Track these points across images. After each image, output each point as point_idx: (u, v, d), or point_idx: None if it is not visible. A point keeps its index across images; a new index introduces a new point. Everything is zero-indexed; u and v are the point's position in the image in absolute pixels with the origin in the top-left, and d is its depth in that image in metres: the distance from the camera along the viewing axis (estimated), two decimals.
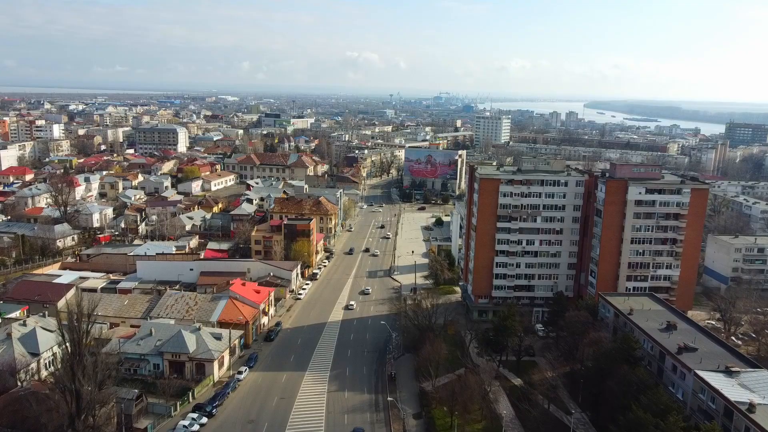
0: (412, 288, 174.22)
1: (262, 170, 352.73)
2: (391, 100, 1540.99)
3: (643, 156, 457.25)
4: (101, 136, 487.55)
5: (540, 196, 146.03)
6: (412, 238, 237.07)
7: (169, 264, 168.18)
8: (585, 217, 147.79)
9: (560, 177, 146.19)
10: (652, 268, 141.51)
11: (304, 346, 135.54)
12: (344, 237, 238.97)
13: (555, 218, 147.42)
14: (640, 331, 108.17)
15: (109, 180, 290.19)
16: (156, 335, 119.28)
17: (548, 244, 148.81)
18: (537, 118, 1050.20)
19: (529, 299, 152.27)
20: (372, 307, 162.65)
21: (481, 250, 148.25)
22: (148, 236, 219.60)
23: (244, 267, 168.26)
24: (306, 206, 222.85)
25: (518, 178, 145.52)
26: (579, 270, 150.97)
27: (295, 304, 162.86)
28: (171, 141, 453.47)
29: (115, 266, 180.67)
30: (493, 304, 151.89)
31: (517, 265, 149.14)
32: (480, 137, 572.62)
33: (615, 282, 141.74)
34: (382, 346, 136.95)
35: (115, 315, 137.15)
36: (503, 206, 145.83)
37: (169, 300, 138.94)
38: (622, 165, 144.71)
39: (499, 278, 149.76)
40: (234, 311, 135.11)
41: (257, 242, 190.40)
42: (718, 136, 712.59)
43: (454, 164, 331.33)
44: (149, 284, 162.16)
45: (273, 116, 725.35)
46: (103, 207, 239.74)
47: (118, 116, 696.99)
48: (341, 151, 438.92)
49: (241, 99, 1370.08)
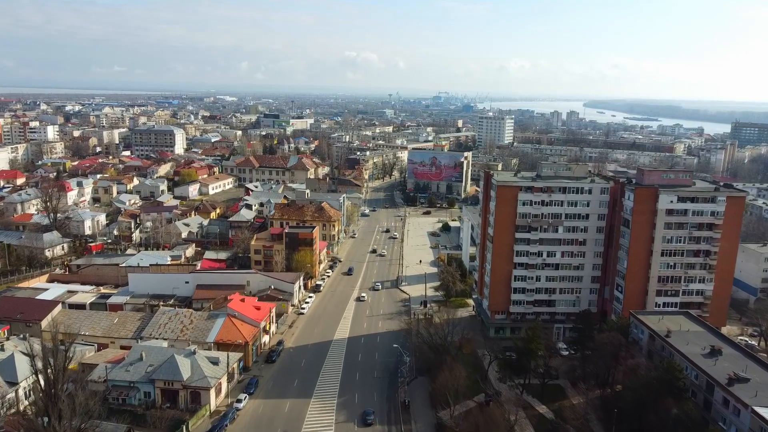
0: (421, 301, 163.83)
1: (261, 173, 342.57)
2: (391, 100, 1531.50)
3: (650, 157, 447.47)
4: (97, 137, 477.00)
5: (562, 204, 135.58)
6: (418, 245, 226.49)
7: (163, 277, 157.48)
8: (610, 226, 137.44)
9: (583, 184, 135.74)
10: (684, 283, 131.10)
11: (308, 369, 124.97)
12: (348, 244, 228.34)
13: (578, 228, 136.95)
14: (682, 357, 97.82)
15: (103, 184, 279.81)
16: (147, 360, 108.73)
17: (570, 255, 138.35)
18: (538, 118, 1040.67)
19: (550, 315, 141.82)
20: (380, 323, 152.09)
21: (499, 263, 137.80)
22: (143, 244, 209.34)
23: (243, 279, 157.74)
24: (308, 212, 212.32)
25: (538, 185, 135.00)
26: (603, 284, 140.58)
27: (297, 320, 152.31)
28: (168, 142, 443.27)
29: (106, 278, 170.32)
30: (511, 320, 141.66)
31: (537, 279, 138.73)
32: (483, 138, 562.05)
33: (643, 297, 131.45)
34: (393, 368, 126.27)
35: (103, 335, 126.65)
36: (522, 215, 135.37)
37: (162, 318, 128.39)
38: (650, 171, 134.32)
39: (517, 293, 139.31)
40: (232, 331, 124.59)
41: (257, 252, 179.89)
42: (723, 136, 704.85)
43: (459, 166, 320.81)
44: (142, 298, 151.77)
45: (272, 117, 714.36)
46: (96, 213, 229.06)
47: (114, 117, 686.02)
48: (342, 153, 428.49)
49: (239, 99, 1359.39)
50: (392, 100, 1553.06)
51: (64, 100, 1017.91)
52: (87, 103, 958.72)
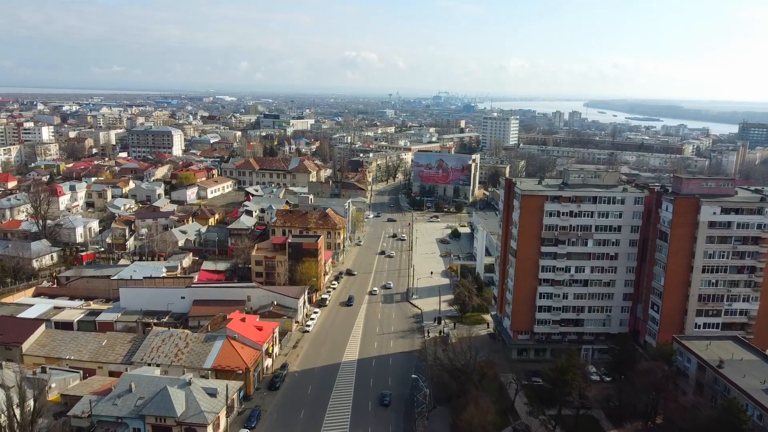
0: (435, 317, 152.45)
1: (261, 176, 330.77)
2: (390, 100, 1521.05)
3: (660, 158, 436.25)
4: (93, 138, 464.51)
5: (592, 215, 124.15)
6: (427, 254, 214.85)
7: (157, 292, 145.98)
8: (643, 239, 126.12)
9: (616, 193, 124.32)
10: (727, 302, 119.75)
11: (315, 397, 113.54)
12: (353, 253, 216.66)
13: (609, 241, 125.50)
14: (741, 394, 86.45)
15: (97, 188, 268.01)
16: (137, 392, 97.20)
17: (601, 271, 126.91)
18: (540, 118, 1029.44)
19: (577, 335, 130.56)
20: (391, 342, 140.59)
21: (522, 279, 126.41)
22: (137, 253, 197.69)
23: (244, 294, 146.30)
24: (311, 219, 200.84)
25: (566, 195, 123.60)
26: (635, 301, 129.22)
27: (302, 339, 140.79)
28: (166, 144, 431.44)
29: (97, 291, 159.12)
30: (536, 341, 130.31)
31: (565, 296, 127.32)
32: (487, 139, 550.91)
33: (682, 317, 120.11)
34: (408, 396, 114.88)
35: (90, 359, 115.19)
36: (549, 227, 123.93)
37: (154, 341, 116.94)
38: (689, 179, 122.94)
39: (542, 311, 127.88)
40: (232, 355, 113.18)
41: (258, 263, 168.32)
42: (729, 137, 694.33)
43: (467, 169, 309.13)
44: (134, 316, 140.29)
45: (272, 117, 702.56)
46: (88, 220, 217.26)
47: (112, 118, 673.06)
48: (344, 154, 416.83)
49: (238, 99, 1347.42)
50: (392, 100, 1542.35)
51: (63, 100, 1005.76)
52: (85, 104, 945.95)
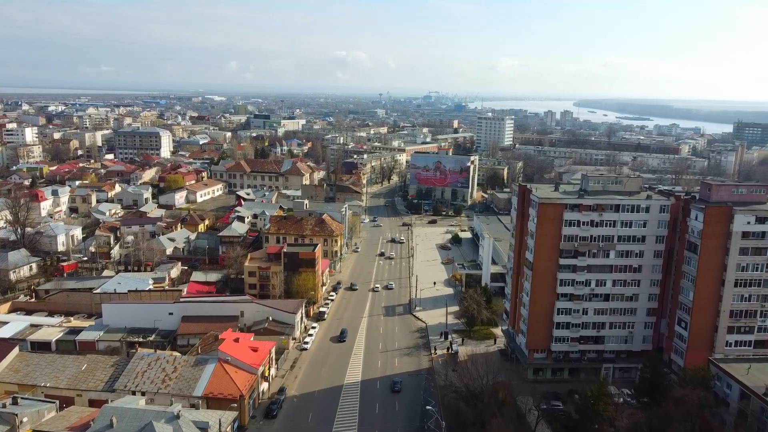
0: (442, 332, 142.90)
1: (253, 178, 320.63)
2: (381, 100, 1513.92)
3: (659, 159, 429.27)
4: (78, 140, 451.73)
5: (614, 224, 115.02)
6: (428, 261, 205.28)
7: (144, 307, 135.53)
8: (668, 250, 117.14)
9: (640, 201, 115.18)
10: (760, 318, 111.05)
11: (317, 427, 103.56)
12: (351, 260, 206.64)
13: (632, 252, 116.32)
14: None
15: (81, 192, 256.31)
16: (119, 427, 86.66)
17: (623, 284, 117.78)
18: (532, 118, 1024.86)
19: (597, 353, 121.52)
20: (396, 360, 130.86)
21: (539, 293, 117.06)
22: (122, 262, 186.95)
23: (237, 310, 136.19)
24: (307, 226, 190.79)
25: (587, 203, 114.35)
26: (659, 316, 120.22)
27: (300, 357, 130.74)
28: (153, 145, 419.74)
29: (78, 306, 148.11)
30: (553, 360, 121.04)
31: (584, 312, 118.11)
32: (482, 139, 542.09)
33: (712, 334, 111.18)
34: (419, 423, 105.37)
35: (69, 386, 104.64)
36: (568, 238, 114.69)
37: (139, 365, 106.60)
38: (719, 185, 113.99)
39: (560, 328, 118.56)
40: (225, 381, 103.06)
41: (251, 274, 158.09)
42: (723, 137, 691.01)
43: (465, 171, 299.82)
44: (118, 334, 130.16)
45: (262, 117, 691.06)
46: (70, 227, 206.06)
47: (98, 118, 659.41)
48: (337, 156, 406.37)
49: (228, 99, 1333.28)
50: (383, 99, 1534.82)
51: (50, 100, 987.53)
52: (71, 104, 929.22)
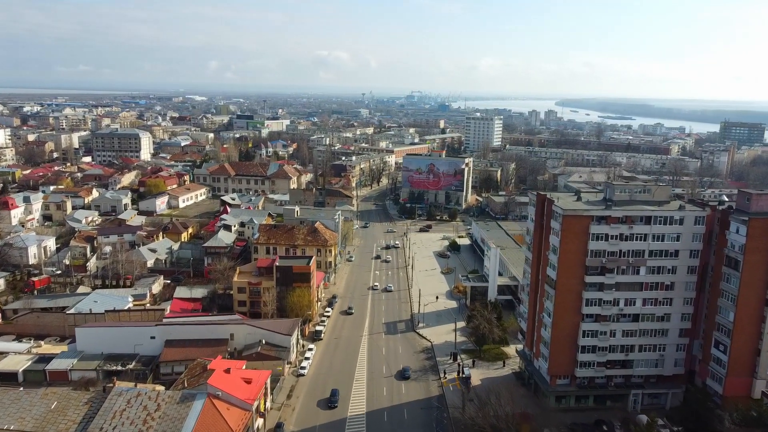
0: (450, 353, 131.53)
1: (238, 182, 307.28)
2: (364, 100, 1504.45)
3: (651, 160, 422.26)
4: (54, 142, 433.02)
5: (645, 238, 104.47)
6: (427, 270, 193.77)
7: (122, 331, 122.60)
8: (702, 266, 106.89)
9: (673, 212, 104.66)
10: None
11: None
12: (345, 271, 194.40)
13: (664, 269, 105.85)
14: None
15: (55, 199, 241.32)
16: None
17: (654, 303, 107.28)
18: (516, 117, 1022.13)
19: (624, 378, 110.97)
20: (403, 386, 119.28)
21: (563, 314, 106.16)
22: (99, 276, 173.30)
23: (226, 332, 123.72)
24: (299, 235, 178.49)
25: (616, 214, 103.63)
26: (692, 338, 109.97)
27: (297, 385, 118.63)
28: (133, 147, 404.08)
29: (50, 328, 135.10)
30: (577, 387, 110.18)
31: (612, 334, 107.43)
32: (470, 139, 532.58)
33: (753, 358, 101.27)
34: None
35: (35, 429, 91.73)
36: (595, 253, 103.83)
37: (117, 402, 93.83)
38: (759, 195, 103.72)
39: (586, 352, 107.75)
40: (215, 421, 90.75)
41: (241, 290, 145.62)
42: (709, 136, 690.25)
43: (460, 174, 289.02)
44: (93, 361, 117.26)
45: (245, 118, 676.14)
46: (43, 237, 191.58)
47: (76, 119, 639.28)
48: (324, 158, 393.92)
49: (209, 99, 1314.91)
50: (366, 99, 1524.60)
51: (26, 100, 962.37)
52: (48, 104, 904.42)
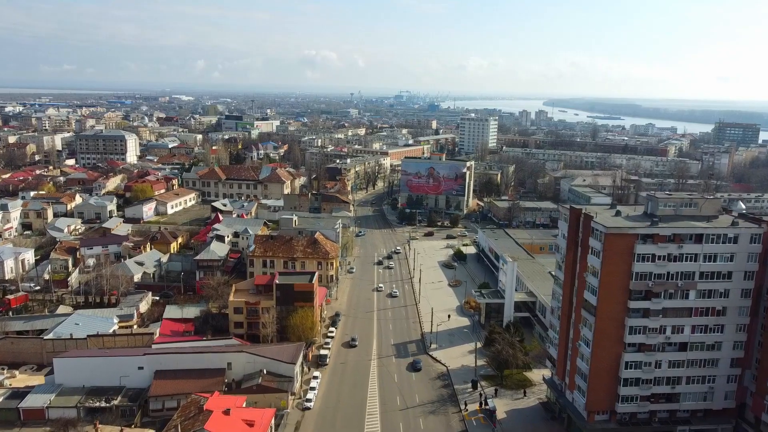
0: (471, 380, 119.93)
1: (229, 186, 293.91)
2: (353, 99, 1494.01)
3: (651, 161, 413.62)
4: (36, 144, 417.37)
5: (695, 258, 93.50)
6: (434, 283, 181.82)
7: (106, 361, 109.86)
8: (757, 288, 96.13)
9: (726, 229, 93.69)
10: None
11: None
12: (346, 284, 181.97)
13: (716, 292, 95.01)
14: None
15: (35, 206, 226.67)
16: None
17: (704, 330, 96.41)
18: (507, 118, 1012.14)
19: (669, 413, 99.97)
20: (421, 421, 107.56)
21: (603, 343, 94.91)
22: (82, 291, 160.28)
23: (222, 361, 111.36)
24: (298, 248, 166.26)
25: (664, 232, 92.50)
26: (744, 367, 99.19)
27: (303, 420, 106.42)
28: (119, 149, 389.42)
29: (26, 355, 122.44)
30: (618, 423, 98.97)
31: (657, 365, 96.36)
32: (465, 140, 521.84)
33: None
34: None
35: None
36: (640, 276, 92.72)
37: None
38: None
39: (628, 385, 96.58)
40: None
41: (237, 310, 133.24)
42: (702, 136, 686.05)
43: (461, 178, 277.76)
44: (74, 396, 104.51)
45: (234, 118, 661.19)
46: (20, 249, 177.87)
47: (59, 120, 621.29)
48: (317, 160, 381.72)
49: (196, 99, 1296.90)
50: (355, 99, 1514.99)
51: (8, 100, 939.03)
52: (30, 104, 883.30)
